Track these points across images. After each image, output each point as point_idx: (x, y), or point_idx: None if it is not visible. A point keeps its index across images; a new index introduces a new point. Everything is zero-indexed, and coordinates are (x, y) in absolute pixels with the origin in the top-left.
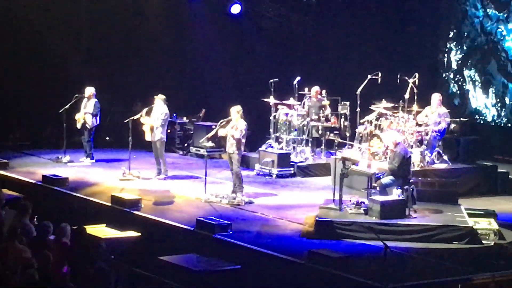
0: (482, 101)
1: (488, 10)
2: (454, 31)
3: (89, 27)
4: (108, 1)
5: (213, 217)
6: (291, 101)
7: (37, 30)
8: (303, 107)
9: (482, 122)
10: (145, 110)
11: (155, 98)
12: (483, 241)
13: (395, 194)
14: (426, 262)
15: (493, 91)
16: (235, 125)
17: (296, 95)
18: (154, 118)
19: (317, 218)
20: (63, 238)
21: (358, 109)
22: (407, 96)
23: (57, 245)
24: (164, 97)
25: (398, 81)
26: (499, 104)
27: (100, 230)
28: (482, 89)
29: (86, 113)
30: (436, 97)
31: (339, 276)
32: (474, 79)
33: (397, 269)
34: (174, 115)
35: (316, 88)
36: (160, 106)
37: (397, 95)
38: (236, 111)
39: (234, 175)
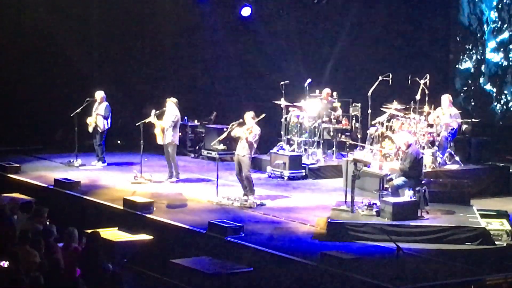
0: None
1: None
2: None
3: (100, 31)
4: (119, 5)
5: (225, 220)
6: (302, 103)
7: (48, 34)
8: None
9: (493, 122)
10: (156, 112)
11: (167, 101)
12: (496, 242)
13: (407, 195)
14: (439, 263)
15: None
16: (249, 129)
17: (307, 97)
18: (165, 121)
19: (329, 220)
20: (72, 242)
21: (369, 111)
22: (418, 97)
23: (66, 250)
24: (176, 100)
25: (409, 82)
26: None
27: (112, 233)
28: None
29: (98, 115)
30: (446, 98)
31: (352, 277)
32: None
33: (409, 270)
34: (186, 118)
35: (327, 90)
36: (171, 109)
37: (408, 97)
38: (250, 116)
39: (243, 179)
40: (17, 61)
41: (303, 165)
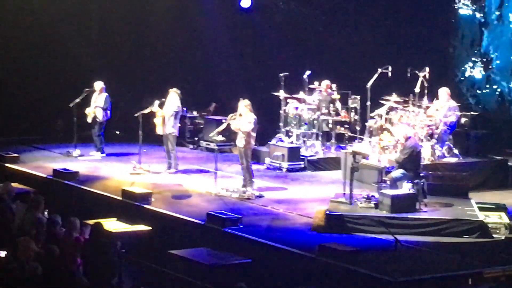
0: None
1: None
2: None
3: (100, 21)
4: None
5: (223, 211)
6: (301, 95)
7: (48, 24)
8: (313, 101)
9: (492, 115)
10: (157, 102)
11: (169, 91)
12: (494, 235)
13: (406, 188)
14: (437, 256)
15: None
16: (244, 119)
17: (306, 89)
18: (167, 110)
19: (327, 212)
20: (74, 232)
21: (368, 103)
22: (417, 90)
23: (68, 240)
24: (179, 91)
25: (408, 74)
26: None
27: (111, 224)
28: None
29: (97, 107)
30: (444, 91)
31: (350, 269)
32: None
33: (407, 263)
34: (185, 109)
35: (326, 82)
36: (173, 99)
37: (408, 89)
38: (244, 105)
39: (244, 169)
40: (16, 51)
41: (301, 157)
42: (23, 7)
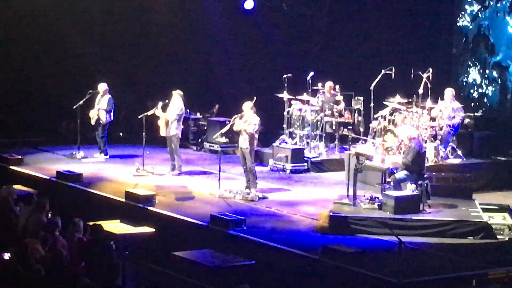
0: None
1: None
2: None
3: (103, 23)
4: None
5: (227, 213)
6: (305, 96)
7: (52, 26)
8: (317, 102)
9: (495, 116)
10: (160, 104)
11: (173, 93)
12: (498, 236)
13: (409, 189)
14: (441, 257)
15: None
16: (248, 120)
17: (310, 90)
18: (170, 113)
19: (331, 214)
20: (77, 233)
21: (371, 104)
22: (421, 91)
23: (72, 241)
24: (182, 93)
25: (412, 76)
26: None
27: (114, 226)
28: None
29: (100, 109)
30: (449, 92)
31: (353, 271)
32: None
33: (411, 264)
34: (188, 111)
35: (329, 84)
36: (177, 101)
37: (411, 90)
38: (249, 107)
39: (247, 171)
40: (20, 53)
41: (305, 158)
42: (26, 9)
